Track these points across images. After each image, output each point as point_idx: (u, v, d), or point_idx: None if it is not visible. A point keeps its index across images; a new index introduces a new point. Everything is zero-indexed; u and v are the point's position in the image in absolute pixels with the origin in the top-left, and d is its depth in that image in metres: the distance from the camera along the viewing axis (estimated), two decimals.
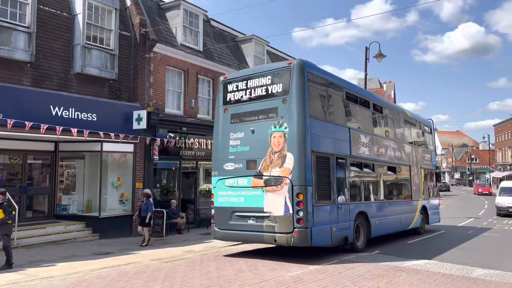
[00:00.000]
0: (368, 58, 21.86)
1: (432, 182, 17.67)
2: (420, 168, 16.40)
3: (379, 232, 12.75)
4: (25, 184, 13.37)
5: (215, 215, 10.91)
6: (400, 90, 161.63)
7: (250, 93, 10.75)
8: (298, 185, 9.61)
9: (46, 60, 12.69)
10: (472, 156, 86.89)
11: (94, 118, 12.97)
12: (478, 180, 77.69)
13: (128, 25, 15.10)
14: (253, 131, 10.42)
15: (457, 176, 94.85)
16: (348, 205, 11.27)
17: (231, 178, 10.59)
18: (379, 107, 14.07)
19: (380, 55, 21.32)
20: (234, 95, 11.05)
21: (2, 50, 11.46)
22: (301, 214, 9.51)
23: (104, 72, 13.81)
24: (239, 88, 10.96)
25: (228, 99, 11.16)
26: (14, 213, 9.93)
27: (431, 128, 19.08)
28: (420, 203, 15.88)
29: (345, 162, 11.39)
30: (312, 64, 11.26)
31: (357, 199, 11.88)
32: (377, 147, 13.20)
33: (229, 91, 11.16)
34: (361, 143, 12.29)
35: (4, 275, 8.64)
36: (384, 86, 54.48)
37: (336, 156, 10.99)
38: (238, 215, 10.38)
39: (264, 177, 10.07)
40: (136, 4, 15.27)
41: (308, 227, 9.54)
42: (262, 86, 10.56)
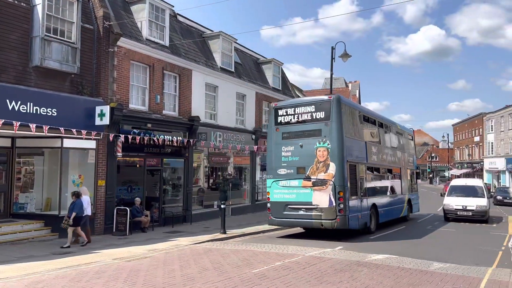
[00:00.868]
0: (334, 57, 22.21)
1: (414, 180, 22.27)
2: (407, 169, 20.86)
3: (383, 219, 16.50)
4: None
5: (271, 208, 14.37)
6: (365, 89, 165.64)
7: (298, 117, 14.43)
8: (339, 185, 13.26)
9: (2, 52, 12.09)
10: (433, 155, 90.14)
11: (54, 113, 12.49)
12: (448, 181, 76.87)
13: (91, 17, 14.64)
14: (301, 146, 14.02)
15: None
16: (366, 199, 15.04)
17: (284, 180, 14.16)
18: (380, 123, 17.95)
19: (345, 55, 21.70)
20: (284, 118, 14.67)
21: None
22: (341, 206, 13.16)
23: (65, 66, 13.31)
24: (288, 113, 14.62)
25: (279, 121, 14.74)
26: None
27: (412, 136, 23.62)
28: (407, 197, 20.34)
29: (364, 167, 15.36)
30: (344, 98, 14.84)
31: (370, 195, 15.53)
32: (381, 154, 17.35)
33: (279, 115, 14.74)
34: (372, 152, 16.29)
35: None
36: (350, 85, 55.53)
37: (360, 163, 14.91)
38: (291, 207, 13.88)
39: (312, 179, 13.65)
40: None
41: (346, 215, 13.16)
42: (308, 113, 14.23)
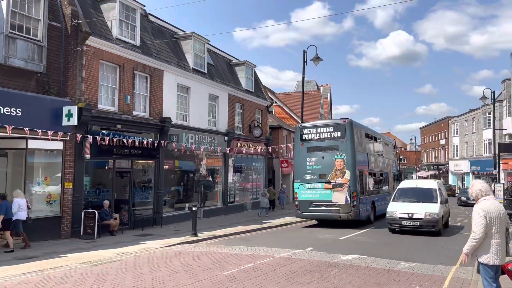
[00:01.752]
0: (306, 61, 22.52)
1: (395, 182, 25.72)
2: (391, 172, 25.36)
3: (378, 213, 20.08)
4: None
5: (299, 204, 18.13)
6: (336, 93, 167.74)
7: (320, 135, 18.25)
8: (353, 187, 17.28)
9: None
10: (401, 157, 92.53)
11: (19, 113, 12.07)
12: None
13: (59, 15, 14.24)
14: (323, 157, 17.86)
15: None
16: (368, 197, 19.17)
17: (309, 183, 17.94)
18: (375, 137, 22.35)
19: (317, 59, 22.03)
20: (308, 135, 18.50)
21: None
22: (355, 202, 17.20)
23: (30, 64, 12.88)
24: (311, 132, 18.46)
25: (303, 138, 18.56)
26: None
27: (394, 145, 29.67)
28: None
29: (367, 173, 19.49)
30: (355, 121, 18.57)
31: (370, 194, 19.64)
32: (376, 162, 21.83)
33: (304, 133, 18.60)
34: (371, 161, 20.51)
35: None
36: (321, 88, 56.23)
37: (364, 170, 19.01)
38: (315, 204, 17.64)
39: (332, 183, 17.53)
40: None
41: (358, 210, 17.26)
42: (327, 132, 18.10)
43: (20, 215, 11.60)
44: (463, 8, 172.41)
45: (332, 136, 17.96)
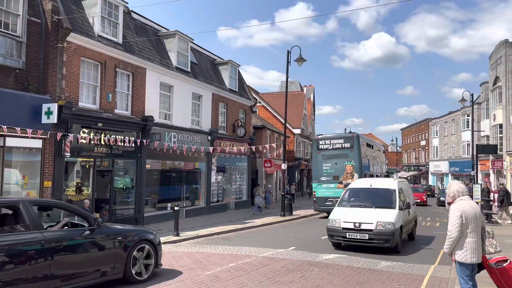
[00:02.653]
0: (289, 61, 22.59)
1: None
2: (383, 173, 30.42)
3: None
4: None
5: (317, 200, 22.46)
6: (320, 93, 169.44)
7: (333, 146, 22.90)
8: None
9: None
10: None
11: None
12: (411, 183, 72.58)
13: (39, 11, 13.94)
14: (336, 163, 22.44)
15: None
16: None
17: (325, 184, 22.50)
18: (372, 146, 27.42)
19: (300, 59, 22.13)
20: (323, 146, 23.16)
21: None
22: None
23: (8, 60, 12.57)
24: (326, 143, 23.16)
25: (320, 148, 23.21)
26: None
27: (384, 150, 36.17)
28: None
29: (368, 174, 23.66)
30: (360, 135, 23.75)
31: None
32: (374, 166, 26.59)
33: (320, 144, 23.30)
34: (370, 164, 25.23)
35: None
36: (305, 89, 56.53)
37: (366, 172, 23.60)
38: (330, 200, 21.46)
39: (343, 183, 21.24)
40: None
41: None
42: (339, 143, 22.83)
43: None
44: (443, 11, 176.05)
45: (343, 146, 22.75)
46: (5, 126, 11.78)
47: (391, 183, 13.68)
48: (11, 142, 12.61)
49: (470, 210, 5.58)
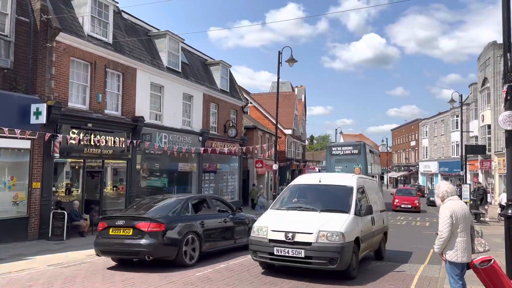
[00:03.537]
0: (281, 62, 22.65)
1: (381, 181, 36.03)
2: (379, 174, 33.80)
3: None
4: None
5: None
6: (310, 94, 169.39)
7: (344, 152, 26.81)
8: None
9: None
10: None
11: None
12: (401, 184, 68.56)
13: (27, 10, 13.78)
14: (346, 166, 25.43)
15: None
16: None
17: None
18: (372, 151, 30.64)
19: (291, 60, 22.19)
20: (335, 152, 27.10)
21: None
22: None
23: None
24: (337, 149, 27.22)
25: (332, 153, 27.07)
26: None
27: (379, 154, 40.40)
28: None
29: (370, 175, 24.72)
30: (367, 143, 28.31)
31: None
32: (373, 168, 29.18)
33: (332, 150, 27.38)
34: (371, 168, 28.14)
35: None
36: (296, 90, 56.67)
37: (368, 174, 25.12)
38: None
39: None
40: None
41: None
42: (348, 150, 26.75)
43: None
44: (432, 13, 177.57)
45: (352, 152, 26.75)
46: None
47: (349, 179, 9.97)
48: None
49: (459, 210, 5.64)
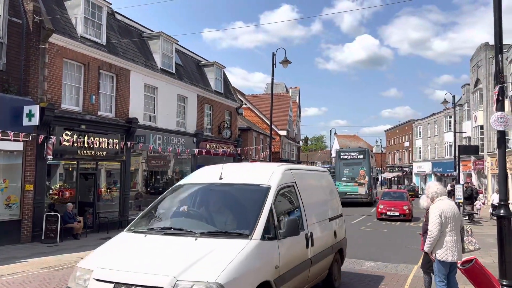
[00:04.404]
0: (275, 63, 22.67)
1: (376, 180, 44.69)
2: (373, 174, 38.73)
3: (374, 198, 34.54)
4: None
5: (339, 194, 25.88)
6: (305, 95, 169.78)
7: (351, 156, 34.50)
8: (369, 185, 33.52)
9: None
10: None
11: None
12: (396, 184, 68.19)
13: (20, 11, 13.71)
14: (353, 169, 33.32)
15: None
16: (372, 190, 35.21)
17: (345, 183, 33.08)
18: (371, 156, 36.90)
19: (285, 61, 22.18)
20: (343, 156, 34.65)
21: None
22: (370, 193, 33.43)
23: None
24: (345, 154, 34.91)
25: (341, 157, 34.54)
26: None
27: (373, 155, 44.37)
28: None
29: (371, 176, 34.85)
30: (370, 150, 41.92)
31: (373, 187, 35.68)
32: (371, 168, 35.22)
33: (341, 154, 35.12)
34: (372, 170, 36.11)
35: None
36: (290, 91, 56.79)
37: (371, 175, 34.64)
38: (348, 194, 31.91)
39: (358, 183, 32.97)
40: None
41: (372, 196, 34.03)
42: (354, 155, 34.62)
43: None
44: (425, 14, 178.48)
45: (358, 157, 33.94)
46: None
47: (267, 174, 5.99)
48: None
49: (448, 209, 5.70)
